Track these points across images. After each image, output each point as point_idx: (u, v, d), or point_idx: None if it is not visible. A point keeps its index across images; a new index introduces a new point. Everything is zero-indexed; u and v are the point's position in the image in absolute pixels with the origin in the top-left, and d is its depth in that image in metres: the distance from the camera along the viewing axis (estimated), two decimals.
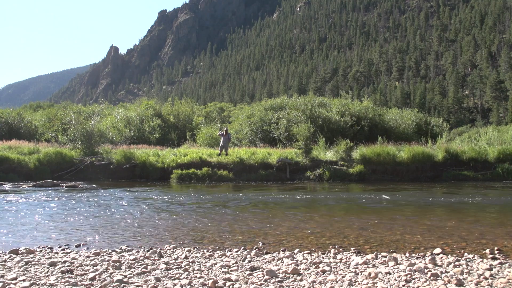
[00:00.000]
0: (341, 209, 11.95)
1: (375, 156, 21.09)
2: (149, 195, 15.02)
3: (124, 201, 13.44)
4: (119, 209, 11.79)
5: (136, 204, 12.78)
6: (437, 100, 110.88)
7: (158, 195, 14.89)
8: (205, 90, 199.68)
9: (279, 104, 33.12)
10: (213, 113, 75.08)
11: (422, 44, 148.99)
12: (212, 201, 13.53)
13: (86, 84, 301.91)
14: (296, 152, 22.19)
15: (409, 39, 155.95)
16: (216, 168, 21.09)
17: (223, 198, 14.28)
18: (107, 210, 11.49)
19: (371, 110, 29.99)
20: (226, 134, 22.55)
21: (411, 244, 7.60)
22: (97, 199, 13.84)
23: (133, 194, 15.22)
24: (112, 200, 13.55)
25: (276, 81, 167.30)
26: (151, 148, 26.05)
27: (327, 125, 27.54)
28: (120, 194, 15.26)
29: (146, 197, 14.31)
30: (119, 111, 38.23)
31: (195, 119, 38.75)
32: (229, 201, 13.55)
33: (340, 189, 17.53)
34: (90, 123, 25.00)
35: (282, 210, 11.69)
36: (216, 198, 14.26)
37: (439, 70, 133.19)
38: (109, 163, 22.25)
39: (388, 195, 14.70)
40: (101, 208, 11.91)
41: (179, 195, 14.95)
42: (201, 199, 13.85)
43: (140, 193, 15.69)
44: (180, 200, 13.79)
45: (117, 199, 13.80)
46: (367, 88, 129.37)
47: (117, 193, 15.75)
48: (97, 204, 12.70)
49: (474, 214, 10.81)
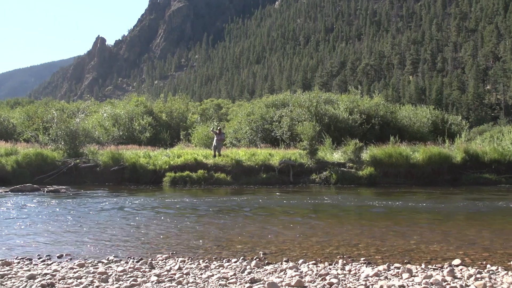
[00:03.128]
0: (349, 216, 11.94)
1: (387, 158, 21.06)
2: (139, 200, 15.03)
3: (111, 206, 13.45)
4: (106, 215, 11.79)
5: (125, 210, 12.78)
6: (455, 96, 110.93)
7: (149, 200, 14.88)
8: (200, 85, 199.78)
9: (282, 101, 33.08)
10: (210, 110, 75.14)
11: (438, 35, 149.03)
12: (209, 206, 13.51)
13: (70, 78, 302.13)
14: (300, 153, 22.16)
15: (425, 29, 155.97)
16: (212, 170, 21.07)
17: (220, 203, 14.26)
18: (93, 217, 11.48)
19: (382, 107, 29.94)
20: (220, 134, 22.54)
21: (427, 254, 7.58)
22: (82, 204, 13.83)
23: (121, 199, 15.21)
24: (99, 206, 13.54)
25: (278, 76, 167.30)
26: (142, 148, 26.06)
27: (334, 124, 27.52)
28: (107, 199, 15.24)
29: (136, 203, 14.30)
30: (106, 108, 38.23)
31: (190, 117, 38.74)
32: (227, 206, 13.54)
33: (348, 193, 17.50)
34: (74, 121, 24.97)
35: (285, 217, 11.68)
36: (213, 203, 14.24)
37: (458, 63, 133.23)
38: (95, 165, 22.21)
39: (401, 200, 14.67)
40: (86, 214, 11.91)
41: (172, 200, 14.94)
42: (196, 205, 13.83)
43: (129, 198, 15.67)
44: (173, 205, 13.78)
45: (104, 205, 13.80)
46: (378, 83, 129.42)
47: (104, 198, 15.73)
48: (82, 210, 12.70)
49: (498, 221, 10.79)
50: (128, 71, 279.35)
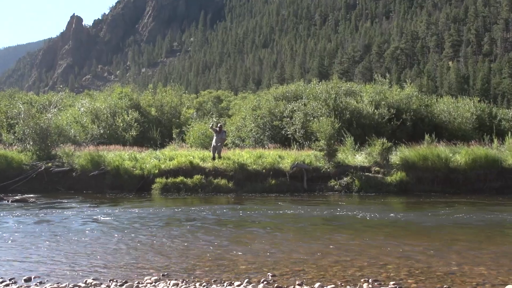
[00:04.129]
0: (376, 230, 11.92)
1: (421, 160, 20.97)
2: (123, 211, 15.07)
3: (90, 219, 13.49)
4: (84, 230, 11.84)
5: (106, 223, 12.83)
6: (506, 85, 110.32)
7: (136, 211, 14.92)
8: (196, 74, 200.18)
9: (294, 93, 32.98)
10: (208, 104, 75.32)
11: (485, 11, 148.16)
12: (206, 218, 13.54)
13: (39, 65, 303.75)
14: (315, 155, 22.11)
15: (468, 4, 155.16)
16: (211, 175, 21.08)
17: (220, 214, 14.30)
18: (67, 232, 11.53)
19: (415, 100, 29.83)
20: (220, 133, 22.58)
21: (473, 278, 7.53)
22: (54, 217, 13.87)
23: (102, 211, 15.24)
24: (75, 219, 13.59)
25: (289, 62, 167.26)
26: (127, 149, 26.04)
27: (357, 120, 27.43)
28: (85, 211, 15.30)
29: (120, 214, 14.36)
30: (84, 101, 38.20)
31: (184, 112, 38.72)
32: (228, 218, 13.57)
33: (374, 203, 17.43)
34: (45, 117, 25.03)
35: (297, 231, 11.69)
36: (212, 214, 14.29)
37: (509, 44, 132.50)
38: (70, 170, 22.21)
39: (438, 212, 14.61)
40: (59, 229, 11.96)
41: (162, 211, 14.98)
42: (191, 216, 13.86)
43: (112, 208, 15.71)
44: (164, 217, 13.82)
45: (81, 217, 13.85)
46: (410, 71, 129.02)
47: (81, 209, 15.77)
48: (54, 223, 12.75)
49: None
50: (109, 57, 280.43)
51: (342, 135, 23.97)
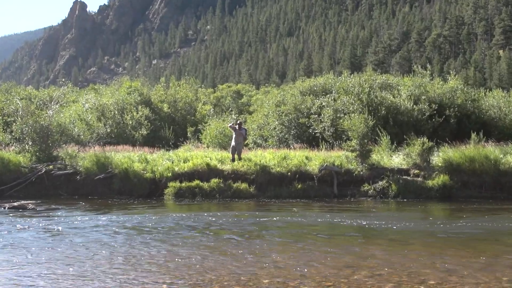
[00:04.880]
0: (414, 241, 11.89)
1: (467, 162, 20.84)
2: (131, 219, 15.20)
3: (94, 229, 13.62)
4: (89, 241, 11.92)
5: (113, 233, 12.96)
6: None
7: (146, 219, 15.06)
8: (214, 66, 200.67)
9: (322, 86, 33.00)
10: (226, 99, 75.55)
11: None
12: (224, 227, 13.67)
13: (39, 57, 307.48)
14: (347, 156, 22.12)
15: None
16: (230, 179, 21.18)
17: (240, 222, 14.41)
18: (69, 244, 11.61)
19: (460, 94, 29.58)
20: (240, 129, 22.70)
21: None
22: (55, 226, 13.96)
23: (109, 219, 15.39)
24: (77, 228, 13.73)
25: (317, 53, 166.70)
26: (136, 150, 26.22)
27: (394, 117, 27.34)
28: (90, 219, 15.46)
29: (128, 224, 14.48)
30: (89, 96, 38.64)
31: (200, 109, 38.94)
32: (248, 227, 13.67)
33: (413, 210, 17.36)
34: (46, 114, 25.21)
35: (327, 242, 11.75)
36: (230, 223, 14.40)
37: None
38: (74, 173, 22.41)
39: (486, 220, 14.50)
40: (60, 241, 12.01)
41: (176, 219, 15.10)
42: (207, 225, 14.00)
43: (119, 216, 15.84)
44: (177, 226, 13.94)
45: (84, 227, 13.98)
46: (454, 61, 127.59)
47: (85, 217, 15.93)
48: (54, 234, 12.85)
49: None
50: (117, 47, 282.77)
51: (376, 133, 23.91)
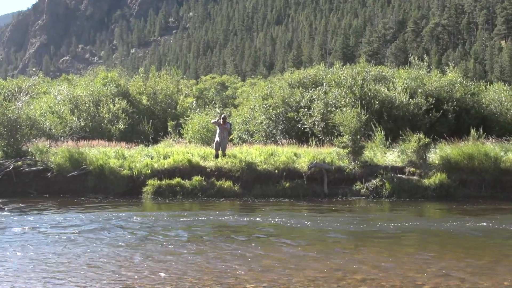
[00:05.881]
0: (410, 243, 12.05)
1: (466, 160, 20.91)
2: (108, 220, 15.15)
3: (68, 231, 13.55)
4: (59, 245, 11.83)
5: (88, 236, 12.94)
6: None
7: (123, 221, 15.07)
8: (196, 56, 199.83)
9: (313, 78, 32.90)
10: (210, 91, 75.34)
11: None
12: (206, 228, 13.73)
13: (7, 44, 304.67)
14: (338, 153, 22.16)
15: None
16: (214, 177, 21.23)
17: (223, 223, 14.47)
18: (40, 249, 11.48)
19: (459, 87, 29.64)
20: (225, 124, 22.68)
21: None
22: (22, 228, 13.82)
23: (82, 220, 15.39)
24: (48, 230, 13.64)
25: (307, 42, 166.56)
26: (113, 145, 26.15)
27: (388, 111, 27.36)
28: (62, 220, 15.41)
29: (103, 225, 14.46)
30: (62, 87, 38.32)
31: (182, 102, 38.80)
32: (232, 229, 13.74)
33: (408, 210, 17.50)
34: (15, 106, 25.01)
35: (316, 244, 11.83)
36: (213, 224, 14.44)
37: None
38: (45, 170, 22.37)
39: (483, 221, 14.69)
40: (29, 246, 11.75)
41: (155, 220, 15.11)
42: (188, 226, 14.04)
43: (95, 216, 15.84)
44: (156, 227, 13.97)
45: (56, 229, 13.89)
46: (453, 52, 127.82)
47: (57, 217, 15.87)
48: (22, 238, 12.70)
49: None
50: (92, 35, 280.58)
51: (370, 129, 24.00)
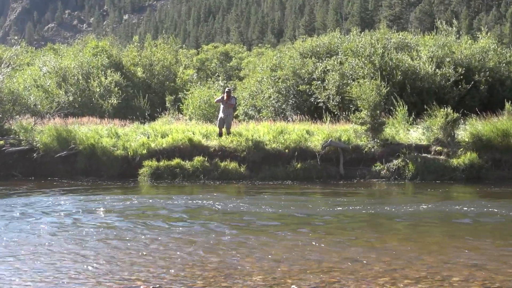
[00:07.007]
0: (436, 230, 11.91)
1: (500, 137, 20.78)
2: (99, 206, 15.06)
3: (54, 218, 13.46)
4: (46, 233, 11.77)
5: (75, 222, 12.85)
6: None
7: (115, 205, 14.97)
8: (197, 22, 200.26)
9: (327, 47, 32.83)
10: (212, 62, 75.54)
11: None
12: (208, 215, 13.61)
13: None
14: (355, 130, 22.10)
15: None
16: (217, 157, 21.22)
17: (227, 209, 14.34)
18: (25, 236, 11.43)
19: (493, 55, 29.45)
20: (229, 99, 22.52)
21: None
22: (6, 213, 13.83)
23: (73, 204, 15.31)
24: (34, 217, 13.53)
25: (321, 6, 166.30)
26: (105, 123, 26.27)
27: (412, 83, 27.25)
28: (47, 205, 15.34)
29: (94, 211, 14.37)
30: (47, 58, 38.48)
31: (181, 74, 38.87)
32: (237, 215, 13.64)
33: (434, 194, 17.37)
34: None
35: (331, 231, 11.73)
36: (216, 209, 14.34)
37: None
38: (30, 150, 22.47)
39: None
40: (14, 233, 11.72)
41: (153, 205, 15.03)
42: (188, 211, 13.96)
43: (85, 202, 15.77)
44: (154, 214, 13.85)
45: (42, 215, 13.79)
46: (486, 15, 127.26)
47: (43, 202, 15.81)
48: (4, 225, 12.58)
49: None
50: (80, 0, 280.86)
51: (391, 103, 23.94)
